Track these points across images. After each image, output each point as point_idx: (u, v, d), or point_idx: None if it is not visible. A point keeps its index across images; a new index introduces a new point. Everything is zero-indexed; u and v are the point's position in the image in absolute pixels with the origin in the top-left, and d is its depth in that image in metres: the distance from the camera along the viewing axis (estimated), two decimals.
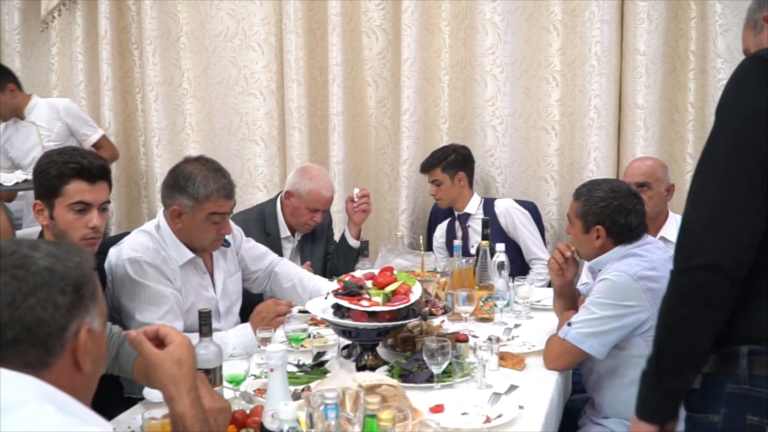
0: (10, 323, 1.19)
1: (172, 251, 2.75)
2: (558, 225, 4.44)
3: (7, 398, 1.14)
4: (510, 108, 4.41)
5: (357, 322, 2.42)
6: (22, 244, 1.25)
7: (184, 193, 2.70)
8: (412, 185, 4.51)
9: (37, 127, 4.52)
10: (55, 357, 1.22)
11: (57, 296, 1.21)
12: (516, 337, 2.86)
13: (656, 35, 4.10)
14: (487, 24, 4.34)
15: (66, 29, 5.01)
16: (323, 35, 4.60)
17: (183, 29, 4.77)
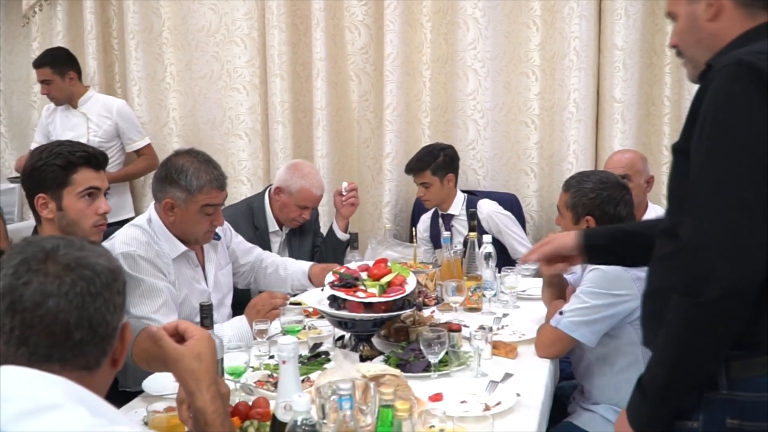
0: (79, 324, 1.17)
1: (165, 244, 2.72)
2: (538, 216, 4.46)
3: (38, 400, 1.12)
4: (491, 102, 4.41)
5: (353, 313, 2.42)
6: (72, 243, 1.23)
7: (177, 185, 2.67)
8: (395, 178, 4.50)
9: (87, 120, 4.48)
10: (106, 356, 1.23)
11: (115, 296, 1.22)
12: (506, 326, 2.87)
13: (633, 30, 4.13)
14: (468, 19, 4.34)
15: (47, 24, 4.92)
16: (306, 30, 4.56)
17: (165, 24, 4.70)
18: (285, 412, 1.53)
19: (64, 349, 1.17)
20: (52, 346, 1.17)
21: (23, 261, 1.19)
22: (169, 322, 1.53)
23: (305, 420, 1.44)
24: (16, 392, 1.14)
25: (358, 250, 3.41)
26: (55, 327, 1.16)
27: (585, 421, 2.57)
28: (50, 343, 1.17)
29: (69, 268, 1.18)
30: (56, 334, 1.16)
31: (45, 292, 1.16)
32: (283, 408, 1.54)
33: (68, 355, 1.18)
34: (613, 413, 2.52)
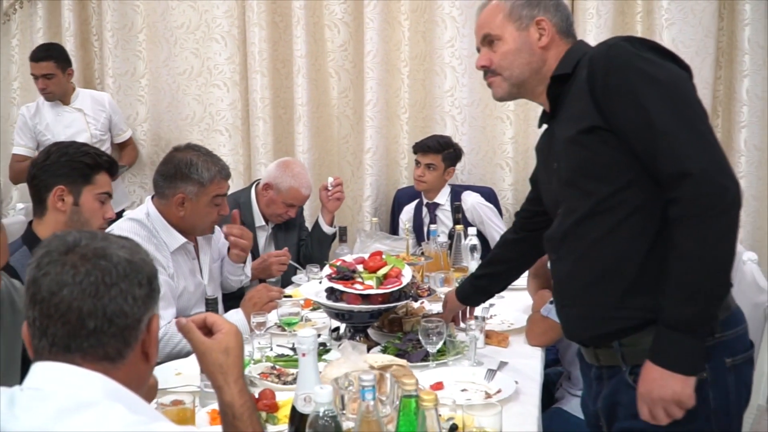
0: (93, 313, 1.15)
1: (164, 237, 2.69)
2: (513, 209, 4.46)
3: (76, 397, 1.12)
4: (468, 98, 4.42)
5: (351, 304, 2.40)
6: (96, 236, 1.22)
7: (189, 180, 2.66)
8: (375, 173, 4.49)
9: (84, 115, 4.40)
10: (130, 349, 1.20)
11: (135, 288, 1.19)
12: (494, 315, 2.87)
13: (604, 29, 4.16)
14: (446, 18, 4.34)
15: (27, 21, 4.79)
16: (286, 28, 4.52)
17: (145, 21, 4.62)
18: (305, 403, 1.51)
19: (80, 338, 1.15)
20: (69, 335, 1.15)
21: (46, 253, 1.19)
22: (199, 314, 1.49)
23: (327, 411, 1.42)
24: (54, 389, 1.13)
25: (347, 243, 3.39)
26: (69, 315, 1.14)
27: (574, 406, 2.58)
28: (66, 333, 1.15)
29: (86, 258, 1.17)
30: (71, 323, 1.15)
31: (60, 282, 1.15)
32: (303, 400, 1.51)
33: (84, 344, 1.16)
34: None
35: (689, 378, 1.57)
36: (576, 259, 1.78)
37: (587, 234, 1.74)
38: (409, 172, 4.44)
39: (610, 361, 1.76)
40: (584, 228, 1.74)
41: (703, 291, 1.56)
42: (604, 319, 1.74)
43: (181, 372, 2.28)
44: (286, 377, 2.18)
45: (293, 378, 2.15)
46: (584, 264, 1.76)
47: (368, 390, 1.41)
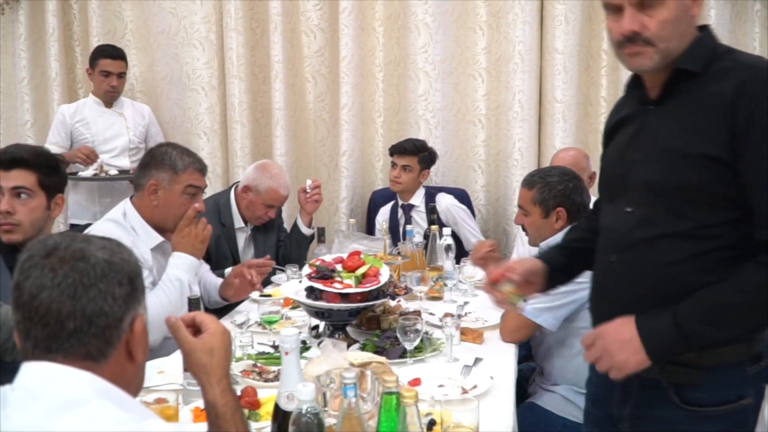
0: (72, 314, 1.13)
1: (142, 235, 2.65)
2: (485, 210, 4.49)
3: (65, 395, 1.11)
4: (441, 102, 4.42)
5: (330, 303, 2.39)
6: (77, 238, 1.20)
7: (162, 166, 2.63)
8: (351, 175, 4.47)
9: (125, 120, 4.31)
10: (113, 348, 1.18)
11: (115, 288, 1.17)
12: (468, 313, 2.87)
13: (572, 35, 4.19)
14: (419, 24, 4.34)
15: (8, 27, 4.70)
16: (263, 33, 4.49)
17: (128, 26, 4.57)
18: (288, 401, 1.49)
19: (61, 339, 1.14)
20: (49, 337, 1.14)
21: (28, 258, 1.17)
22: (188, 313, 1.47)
23: (309, 408, 1.41)
24: (44, 388, 1.12)
25: (325, 243, 3.37)
26: (49, 318, 1.13)
27: (546, 401, 2.59)
28: (47, 335, 1.14)
29: (64, 261, 1.15)
30: (51, 325, 1.13)
31: (40, 285, 1.13)
32: (286, 397, 1.50)
33: (65, 345, 1.14)
34: (573, 393, 2.55)
35: (645, 362, 1.55)
36: (644, 270, 1.62)
37: (667, 252, 1.59)
38: (384, 174, 4.43)
39: (648, 374, 1.63)
40: (665, 245, 1.59)
41: (734, 326, 1.52)
42: None
43: (163, 370, 2.25)
44: (267, 375, 2.16)
45: (275, 375, 2.13)
46: (651, 279, 1.61)
47: (350, 387, 1.40)
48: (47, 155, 2.35)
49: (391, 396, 1.40)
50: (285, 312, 2.75)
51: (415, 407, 1.37)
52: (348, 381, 1.39)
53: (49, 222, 2.36)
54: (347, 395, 1.40)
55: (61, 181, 2.38)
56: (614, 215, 1.71)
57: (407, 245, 3.22)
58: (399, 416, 1.38)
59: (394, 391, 1.39)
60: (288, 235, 3.76)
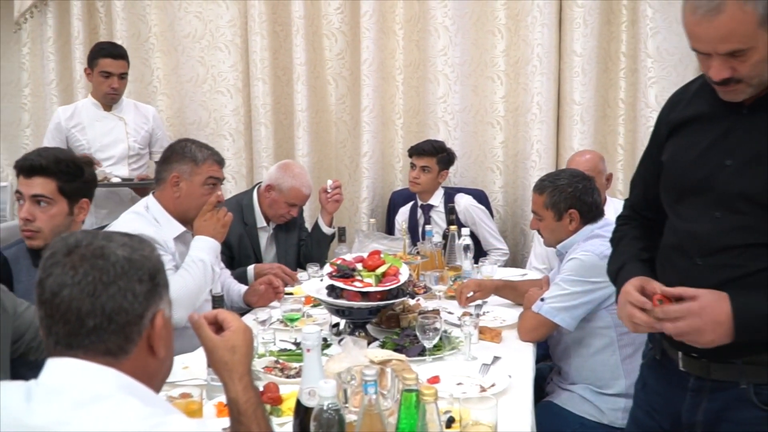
0: (91, 312, 1.13)
1: (164, 225, 2.69)
2: (503, 210, 4.48)
3: (89, 391, 1.11)
4: (460, 104, 4.41)
5: (351, 301, 2.39)
6: (98, 236, 1.19)
7: (182, 159, 2.70)
8: (371, 176, 4.48)
9: (125, 125, 4.01)
10: (133, 344, 1.17)
11: (135, 285, 1.16)
12: (487, 312, 2.86)
13: (591, 38, 4.16)
14: (438, 27, 4.33)
15: (37, 30, 4.76)
16: (286, 37, 4.51)
17: (152, 30, 4.59)
18: (310, 397, 1.49)
19: (81, 336, 1.14)
20: (69, 334, 1.14)
21: (51, 255, 1.17)
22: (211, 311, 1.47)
23: (330, 405, 1.41)
24: (67, 383, 1.12)
25: (346, 243, 3.38)
26: (69, 315, 1.13)
27: (564, 400, 2.57)
28: (67, 331, 1.14)
29: (84, 259, 1.15)
30: (71, 322, 1.13)
31: (61, 283, 1.14)
32: (308, 393, 1.50)
33: (86, 341, 1.14)
34: (590, 392, 2.53)
35: (727, 341, 1.49)
36: (733, 276, 1.57)
37: (758, 260, 1.55)
38: (404, 175, 4.43)
39: (725, 376, 1.60)
40: (758, 253, 1.55)
41: None
42: None
43: (188, 366, 2.26)
44: (289, 371, 2.17)
45: (296, 372, 2.14)
46: (739, 284, 1.55)
47: (370, 384, 1.40)
48: (68, 161, 2.35)
49: (411, 393, 1.39)
50: (306, 310, 2.76)
51: (434, 404, 1.37)
52: (368, 378, 1.39)
53: (74, 226, 2.36)
54: (368, 392, 1.40)
55: (84, 186, 2.38)
56: (698, 219, 1.64)
57: (426, 245, 3.22)
58: (418, 413, 1.37)
59: (414, 389, 1.39)
60: (309, 234, 3.77)
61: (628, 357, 2.49)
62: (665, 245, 1.75)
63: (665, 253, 1.75)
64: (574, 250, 2.56)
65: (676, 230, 1.71)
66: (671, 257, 1.71)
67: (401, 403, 1.41)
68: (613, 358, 2.52)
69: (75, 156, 2.43)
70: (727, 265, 1.58)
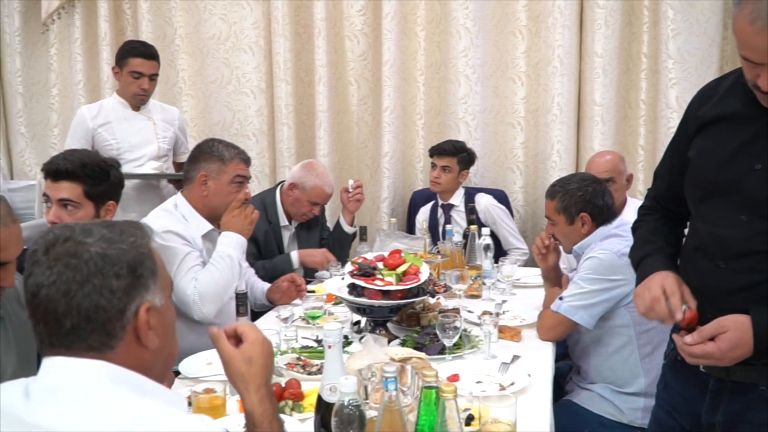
0: (67, 312, 1.11)
1: (192, 223, 2.73)
2: (524, 210, 4.46)
3: (81, 386, 1.09)
4: (480, 105, 4.40)
5: (372, 300, 2.40)
6: (75, 230, 1.15)
7: (210, 158, 2.74)
8: (392, 176, 4.48)
9: (154, 125, 3.87)
10: (118, 338, 1.14)
11: (112, 281, 1.12)
12: (506, 311, 2.86)
13: (612, 39, 4.14)
14: (460, 29, 4.32)
15: (65, 31, 4.82)
16: (309, 39, 4.52)
17: (177, 32, 4.64)
18: (331, 393, 1.50)
19: (61, 336, 1.12)
20: (51, 334, 1.13)
21: (33, 253, 1.15)
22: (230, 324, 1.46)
23: (351, 400, 1.42)
24: (60, 380, 1.11)
25: (367, 242, 3.39)
26: (48, 316, 1.12)
27: (583, 399, 2.56)
28: (48, 332, 1.13)
29: (58, 259, 1.12)
30: (50, 323, 1.12)
31: (39, 283, 1.12)
32: (329, 389, 1.51)
33: (66, 341, 1.12)
34: (609, 391, 2.52)
35: (749, 354, 1.50)
36: (758, 280, 1.56)
37: None
38: (424, 175, 4.43)
39: (745, 378, 1.59)
40: None
41: None
42: None
43: (212, 362, 2.28)
44: (310, 368, 2.18)
45: (317, 368, 2.15)
46: (764, 289, 1.55)
47: (391, 381, 1.40)
48: (93, 165, 2.34)
49: (430, 390, 1.40)
50: (328, 307, 2.77)
51: (454, 401, 1.37)
52: (389, 375, 1.40)
53: None
54: (388, 388, 1.40)
55: (110, 189, 2.38)
56: (723, 221, 1.61)
57: (447, 244, 3.22)
58: (438, 410, 1.38)
59: (434, 386, 1.39)
60: (331, 233, 3.79)
61: (647, 356, 2.47)
62: (688, 247, 1.74)
63: (688, 254, 1.73)
64: (591, 249, 2.55)
65: (700, 232, 1.69)
66: (694, 259, 1.70)
67: (421, 399, 1.42)
68: (632, 357, 2.50)
69: (101, 159, 2.43)
70: (750, 270, 1.56)
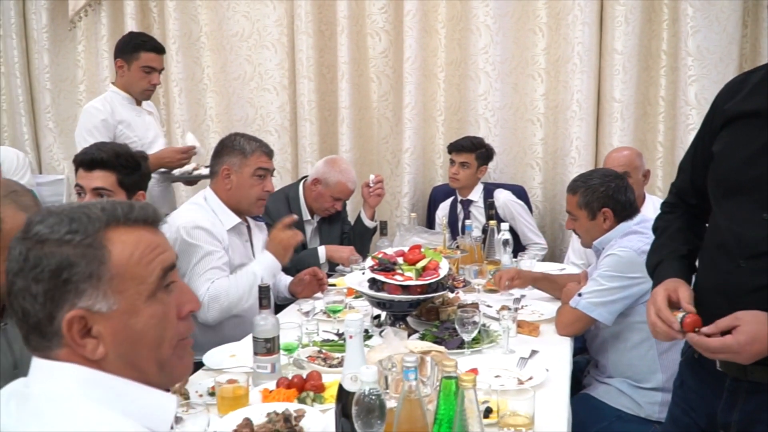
0: (9, 307, 1.03)
1: (221, 216, 2.76)
2: (542, 206, 4.45)
3: (48, 391, 1.00)
4: (500, 102, 4.39)
5: (392, 294, 2.41)
6: (34, 220, 1.03)
7: (232, 152, 2.77)
8: (413, 171, 4.49)
9: (154, 118, 3.78)
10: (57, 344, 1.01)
11: (31, 284, 0.99)
12: (525, 306, 2.86)
13: (632, 36, 4.11)
14: (480, 26, 4.31)
15: (91, 28, 4.88)
16: (331, 36, 4.54)
17: (203, 30, 4.68)
18: (352, 382, 1.52)
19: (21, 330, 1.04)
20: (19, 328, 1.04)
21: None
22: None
23: (372, 389, 1.43)
24: (33, 384, 1.02)
25: (387, 236, 3.40)
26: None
27: (601, 392, 2.57)
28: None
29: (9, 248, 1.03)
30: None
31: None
32: (350, 379, 1.53)
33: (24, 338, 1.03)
34: (627, 386, 2.52)
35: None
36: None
37: None
38: (444, 170, 4.43)
39: (761, 377, 1.56)
40: None
41: None
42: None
43: (235, 354, 2.31)
44: (331, 360, 2.20)
45: (338, 361, 2.17)
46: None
47: (411, 371, 1.41)
48: (127, 155, 2.42)
49: (450, 380, 1.40)
50: (349, 301, 2.79)
51: (473, 390, 1.37)
52: (409, 364, 1.41)
53: None
54: (408, 378, 1.41)
55: (141, 180, 2.46)
56: (745, 219, 1.58)
57: (466, 239, 3.23)
58: (457, 400, 1.39)
59: (453, 376, 1.40)
60: (352, 227, 3.80)
61: (665, 351, 2.47)
62: (708, 245, 1.71)
63: (708, 252, 1.71)
64: (611, 246, 2.54)
65: (721, 229, 1.65)
66: (714, 257, 1.67)
67: (440, 390, 1.42)
68: (650, 353, 2.50)
69: (131, 150, 2.49)
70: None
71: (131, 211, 1.06)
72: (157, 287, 1.05)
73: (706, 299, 1.61)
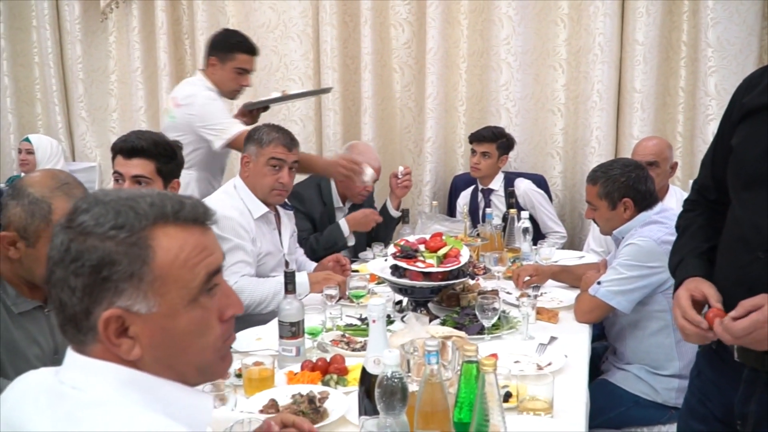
0: (48, 295, 1.02)
1: (249, 205, 2.78)
2: (562, 195, 4.43)
3: (87, 394, 0.95)
4: (521, 92, 4.37)
5: (413, 281, 2.42)
6: (80, 207, 0.98)
7: (252, 141, 2.81)
8: (434, 160, 4.48)
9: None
10: (92, 339, 0.97)
11: (71, 277, 0.94)
12: (544, 293, 2.85)
13: (653, 27, 4.06)
14: (502, 17, 4.28)
15: (123, 20, 4.91)
16: (355, 27, 4.53)
17: (230, 21, 4.67)
18: (375, 365, 1.53)
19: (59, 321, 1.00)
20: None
21: None
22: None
23: (394, 373, 1.44)
24: (69, 383, 0.97)
25: (409, 224, 3.40)
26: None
27: (619, 378, 2.56)
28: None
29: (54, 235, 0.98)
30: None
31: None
32: (373, 362, 1.54)
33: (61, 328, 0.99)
34: (645, 372, 2.52)
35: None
36: None
37: None
38: (465, 160, 4.42)
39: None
40: None
41: None
42: None
43: (261, 337, 2.33)
44: (354, 344, 2.21)
45: (361, 345, 2.19)
46: None
47: (433, 354, 1.41)
48: (164, 144, 2.44)
49: (471, 365, 1.41)
50: (371, 287, 2.81)
51: (493, 374, 1.38)
52: (431, 348, 1.41)
53: None
54: (430, 362, 1.41)
55: (176, 168, 2.48)
56: (765, 210, 1.54)
57: (486, 227, 3.23)
58: (478, 384, 1.39)
59: (474, 360, 1.40)
60: None
61: (682, 340, 2.43)
62: (727, 237, 1.68)
63: (727, 245, 1.67)
64: (631, 235, 2.53)
65: (740, 222, 1.62)
66: (733, 249, 1.64)
67: (461, 374, 1.43)
68: (668, 341, 2.49)
69: (168, 139, 2.52)
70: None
71: (181, 209, 0.99)
72: (200, 292, 0.99)
73: (725, 292, 1.58)
